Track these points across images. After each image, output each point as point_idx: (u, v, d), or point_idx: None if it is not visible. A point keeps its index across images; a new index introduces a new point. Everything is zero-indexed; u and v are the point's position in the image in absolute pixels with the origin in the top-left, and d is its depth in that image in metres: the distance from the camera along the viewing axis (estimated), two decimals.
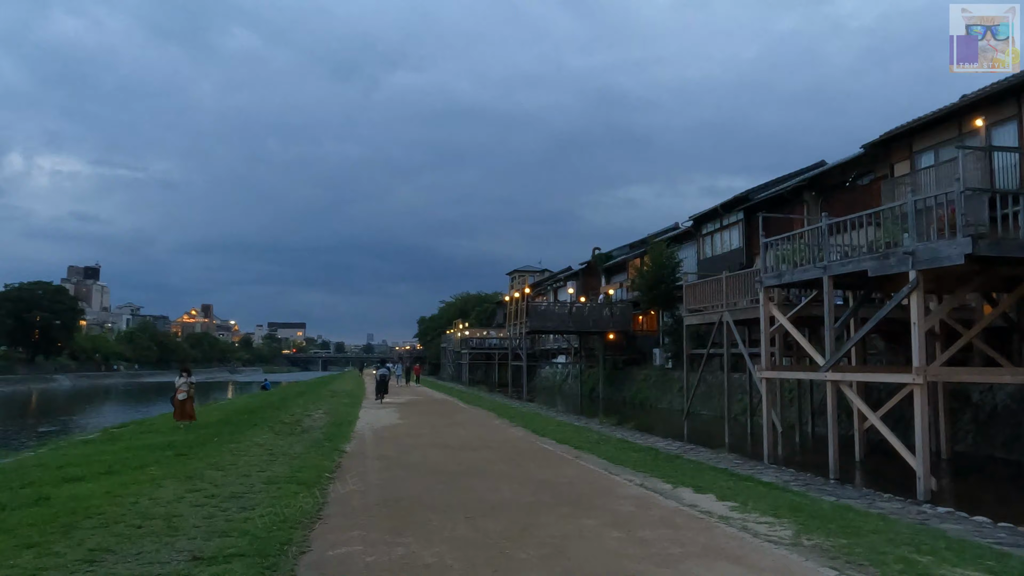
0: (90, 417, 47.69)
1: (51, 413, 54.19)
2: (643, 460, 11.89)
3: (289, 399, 29.07)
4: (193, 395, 19.00)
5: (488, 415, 21.84)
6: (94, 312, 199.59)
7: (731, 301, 18.17)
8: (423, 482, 9.48)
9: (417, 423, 18.75)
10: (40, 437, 29.05)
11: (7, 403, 66.44)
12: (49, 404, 66.10)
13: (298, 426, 17.09)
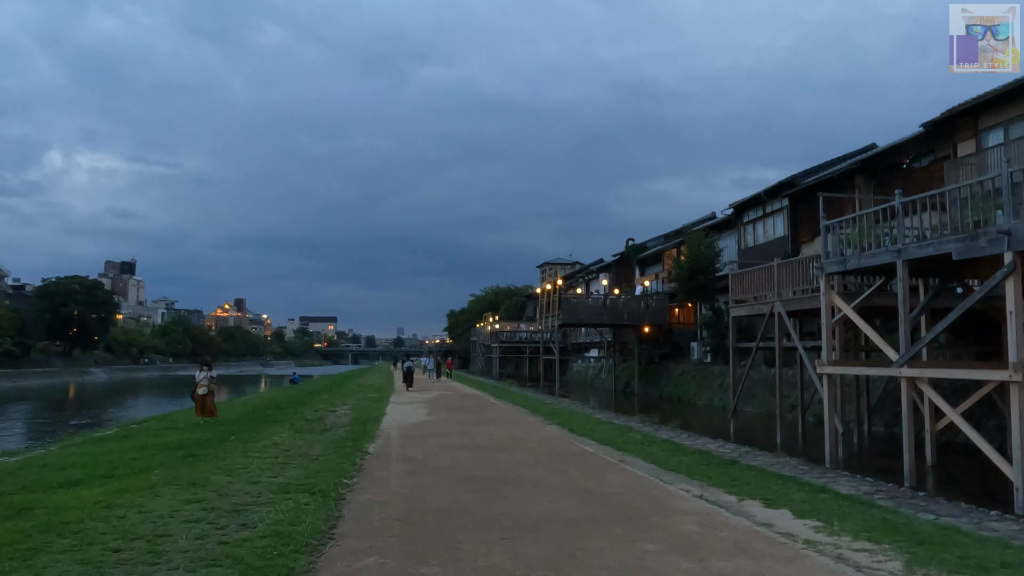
0: (121, 410, 47.76)
1: (85, 406, 54.51)
2: (696, 465, 10.68)
3: (316, 394, 28.32)
4: (214, 390, 18.21)
5: (521, 412, 20.76)
6: (130, 306, 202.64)
7: (783, 291, 16.81)
8: (452, 491, 8.41)
9: (446, 420, 17.73)
10: (72, 430, 28.73)
11: (45, 396, 67.20)
12: (84, 397, 66.70)
13: (321, 423, 16.18)
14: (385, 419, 17.57)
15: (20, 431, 33.86)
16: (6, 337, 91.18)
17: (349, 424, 16.02)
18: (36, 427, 37.16)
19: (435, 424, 16.85)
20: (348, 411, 19.60)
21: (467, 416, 18.92)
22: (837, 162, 28.19)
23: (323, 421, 16.64)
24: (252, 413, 19.62)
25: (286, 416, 17.70)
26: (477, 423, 17.12)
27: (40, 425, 38.56)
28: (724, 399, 29.67)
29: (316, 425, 15.69)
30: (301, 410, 19.70)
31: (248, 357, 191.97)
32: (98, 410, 48.62)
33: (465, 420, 17.80)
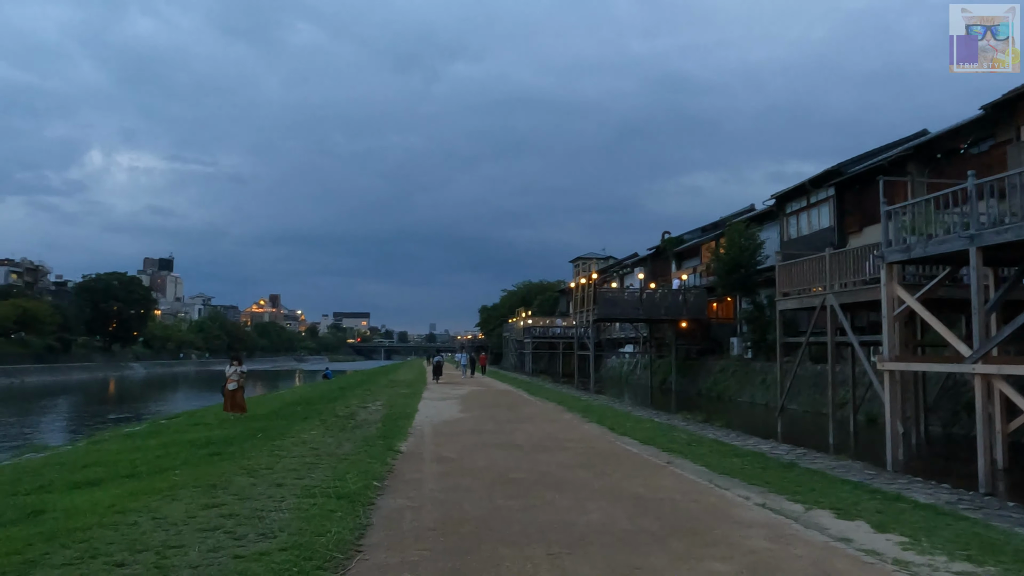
0: (157, 404, 48.25)
1: (123, 401, 55.25)
2: (751, 469, 9.89)
3: (348, 389, 27.96)
4: (244, 385, 17.86)
5: (557, 408, 20.07)
6: (168, 302, 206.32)
7: (837, 282, 15.85)
8: (490, 495, 7.77)
9: (481, 417, 17.12)
10: (111, 424, 28.93)
11: (85, 390, 68.38)
12: (122, 392, 67.72)
13: (352, 420, 15.68)
14: (417, 416, 17.02)
15: (59, 424, 34.20)
16: (48, 332, 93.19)
17: (381, 421, 15.49)
18: (75, 420, 37.54)
19: (469, 421, 16.25)
20: (380, 407, 19.11)
21: (502, 413, 18.29)
22: (886, 149, 26.92)
23: (354, 418, 16.15)
24: (283, 409, 19.26)
25: (316, 412, 17.26)
26: (513, 421, 16.48)
27: (79, 418, 38.96)
28: (767, 396, 28.64)
29: (347, 422, 15.20)
30: (332, 406, 19.27)
31: (283, 352, 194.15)
32: (135, 404, 49.16)
33: (500, 417, 17.17)
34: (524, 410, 19.57)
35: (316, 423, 14.86)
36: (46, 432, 29.57)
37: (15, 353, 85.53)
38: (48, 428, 32.11)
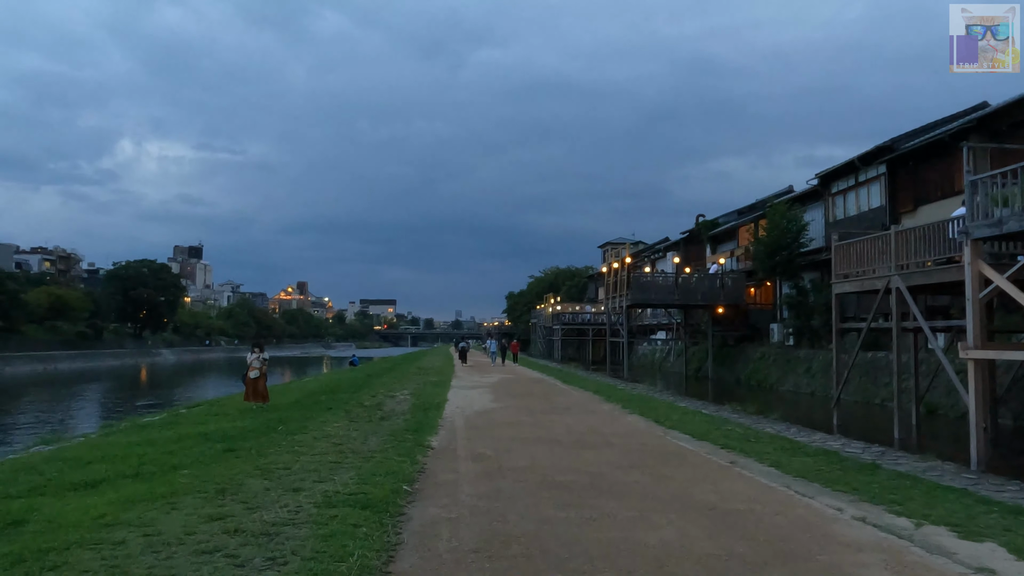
0: (185, 391, 48.22)
1: (151, 387, 55.35)
2: (828, 470, 8.72)
3: (375, 377, 27.13)
4: (266, 373, 17.00)
5: (594, 398, 18.98)
6: (197, 289, 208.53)
7: (904, 262, 14.48)
8: (537, 503, 6.71)
9: (514, 408, 16.09)
10: (136, 411, 28.62)
11: (115, 376, 68.80)
12: (151, 378, 68.03)
13: (379, 411, 14.74)
14: (448, 406, 16.04)
15: (84, 412, 33.93)
16: (80, 319, 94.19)
17: (409, 412, 14.53)
18: (100, 407, 37.34)
19: (503, 412, 15.21)
20: (408, 397, 18.18)
21: (537, 403, 17.24)
22: (946, 122, 25.22)
23: (381, 408, 15.21)
24: (307, 398, 18.42)
25: (341, 402, 16.36)
26: (549, 412, 15.41)
27: (104, 405, 38.75)
28: (812, 385, 27.26)
29: (373, 413, 14.25)
30: (358, 395, 18.38)
31: (310, 339, 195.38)
32: (162, 391, 49.12)
33: (535, 408, 16.12)
34: (560, 400, 18.50)
35: (340, 415, 13.93)
36: (69, 420, 29.22)
37: (47, 340, 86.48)
38: (72, 416, 31.83)
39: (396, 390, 20.21)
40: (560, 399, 18.69)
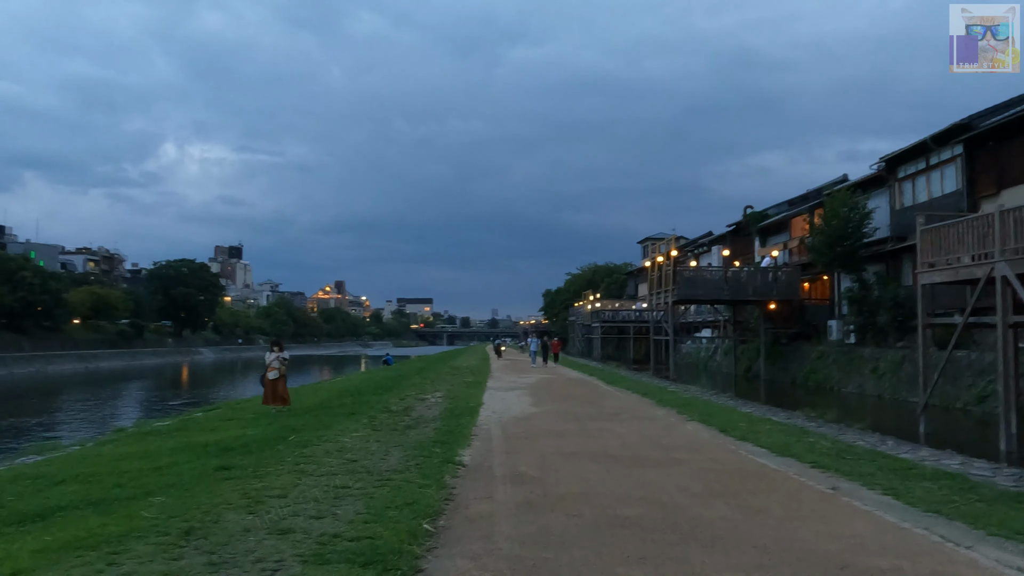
0: (218, 390, 47.68)
1: (187, 386, 54.95)
2: (962, 501, 6.84)
3: (406, 377, 25.70)
4: (286, 373, 15.59)
5: (644, 402, 17.18)
6: (237, 289, 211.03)
7: (1015, 246, 12.44)
8: (598, 551, 5.03)
9: (557, 413, 14.40)
10: (168, 410, 27.84)
11: (153, 375, 68.91)
12: (191, 376, 67.95)
13: (406, 416, 13.19)
14: (483, 411, 14.43)
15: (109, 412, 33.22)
16: (121, 318, 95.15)
17: (440, 418, 12.95)
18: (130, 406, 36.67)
19: (545, 418, 13.54)
20: (440, 399, 16.62)
21: (581, 408, 15.52)
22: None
23: (409, 413, 13.67)
24: (330, 401, 17.00)
25: (366, 406, 14.88)
26: (597, 418, 13.69)
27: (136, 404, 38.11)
28: (879, 387, 25.01)
29: (399, 420, 12.71)
30: (386, 398, 16.90)
31: (348, 338, 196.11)
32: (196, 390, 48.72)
33: (580, 413, 14.40)
34: (607, 403, 16.76)
35: (363, 421, 12.42)
36: (95, 420, 28.37)
37: (89, 339, 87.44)
38: (100, 415, 31.07)
39: (428, 392, 18.69)
40: (607, 403, 16.94)
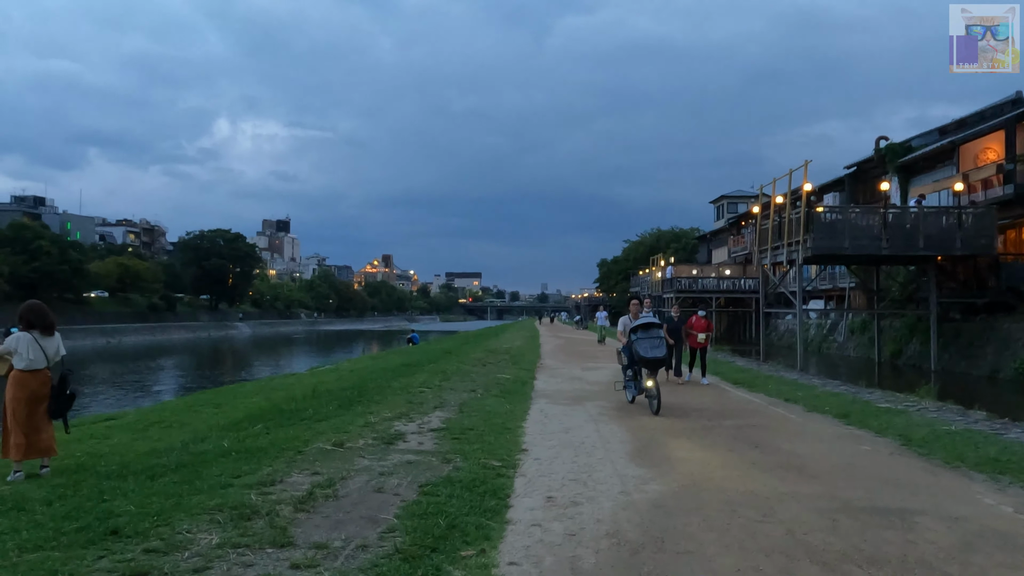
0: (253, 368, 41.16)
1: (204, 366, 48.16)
2: None
3: (418, 367, 17.04)
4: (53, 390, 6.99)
5: (845, 431, 8.14)
6: (284, 262, 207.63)
7: None
8: None
9: (708, 490, 5.49)
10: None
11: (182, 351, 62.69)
12: (217, 354, 61.39)
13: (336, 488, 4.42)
14: (525, 466, 5.78)
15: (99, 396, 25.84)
16: (152, 291, 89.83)
17: (404, 519, 4.17)
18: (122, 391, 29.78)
19: (681, 500, 4.63)
20: (449, 415, 7.94)
21: (746, 455, 6.51)
22: None
23: (309, 505, 4.93)
24: (270, 413, 8.42)
25: (296, 440, 6.26)
26: (780, 473, 4.68)
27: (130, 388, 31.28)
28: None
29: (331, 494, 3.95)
30: (352, 417, 8.30)
31: (394, 312, 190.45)
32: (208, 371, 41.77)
33: (765, 487, 5.43)
34: (783, 445, 7.70)
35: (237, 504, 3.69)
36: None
37: (117, 312, 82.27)
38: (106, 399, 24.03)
39: (424, 404, 9.95)
40: (779, 442, 7.86)
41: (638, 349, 9.87)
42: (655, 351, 9.82)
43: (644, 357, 9.81)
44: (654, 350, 9.82)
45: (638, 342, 9.90)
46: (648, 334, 9.98)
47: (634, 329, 10.12)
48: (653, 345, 9.85)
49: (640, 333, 10.02)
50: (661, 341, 10.02)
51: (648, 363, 9.88)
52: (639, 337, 9.97)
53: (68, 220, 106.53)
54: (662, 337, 10.13)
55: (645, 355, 9.78)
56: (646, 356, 9.78)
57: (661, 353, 9.89)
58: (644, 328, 10.13)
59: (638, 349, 9.87)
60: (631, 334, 10.11)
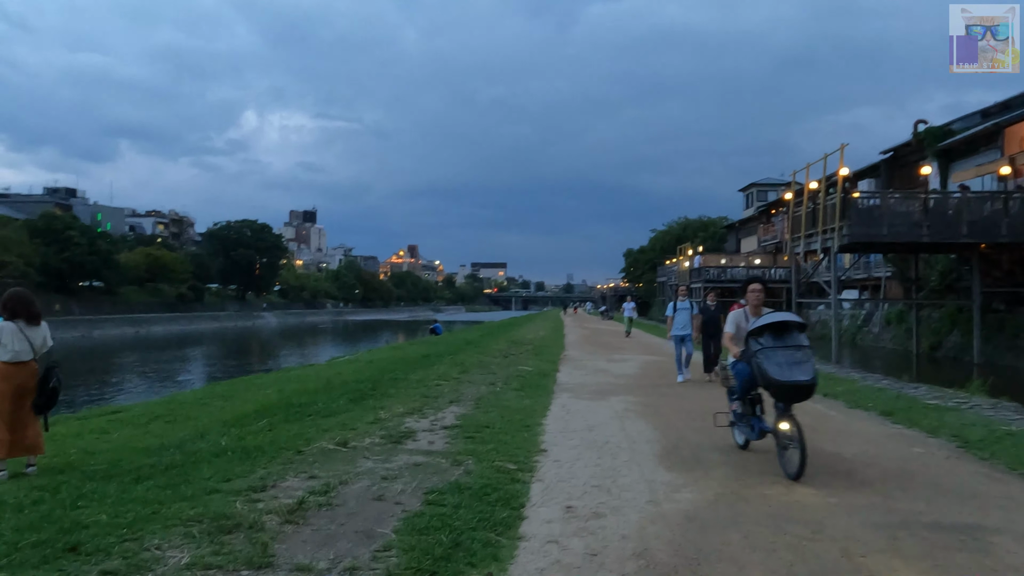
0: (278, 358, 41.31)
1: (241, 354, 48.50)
2: None
3: (437, 358, 16.56)
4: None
5: (912, 434, 7.43)
6: (310, 252, 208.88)
7: None
8: None
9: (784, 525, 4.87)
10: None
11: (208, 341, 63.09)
12: (242, 344, 61.73)
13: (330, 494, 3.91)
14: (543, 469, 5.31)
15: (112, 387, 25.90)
16: (180, 281, 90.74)
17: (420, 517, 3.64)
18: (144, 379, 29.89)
19: (717, 512, 4.02)
20: (466, 410, 7.42)
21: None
22: None
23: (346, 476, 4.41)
24: (277, 407, 7.97)
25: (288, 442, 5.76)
26: (827, 479, 4.03)
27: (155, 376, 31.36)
28: None
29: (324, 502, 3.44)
30: (361, 410, 7.80)
31: (420, 302, 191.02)
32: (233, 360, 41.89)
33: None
34: (826, 446, 7.00)
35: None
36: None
37: (146, 302, 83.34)
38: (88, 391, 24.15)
39: (439, 399, 9.43)
40: (824, 443, 7.18)
41: (766, 366, 5.75)
42: (797, 371, 5.70)
43: (778, 381, 5.71)
44: (795, 369, 5.70)
45: (765, 355, 5.81)
46: (784, 341, 5.84)
47: (757, 331, 6.00)
48: (793, 360, 5.73)
49: (769, 339, 5.87)
50: (807, 354, 5.84)
51: (783, 391, 5.81)
52: (767, 346, 5.83)
53: (98, 211, 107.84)
54: (808, 348, 5.89)
55: (779, 378, 5.69)
56: (781, 380, 5.69)
57: (807, 377, 5.72)
58: (775, 331, 5.92)
59: (766, 366, 5.75)
60: (751, 340, 6.05)
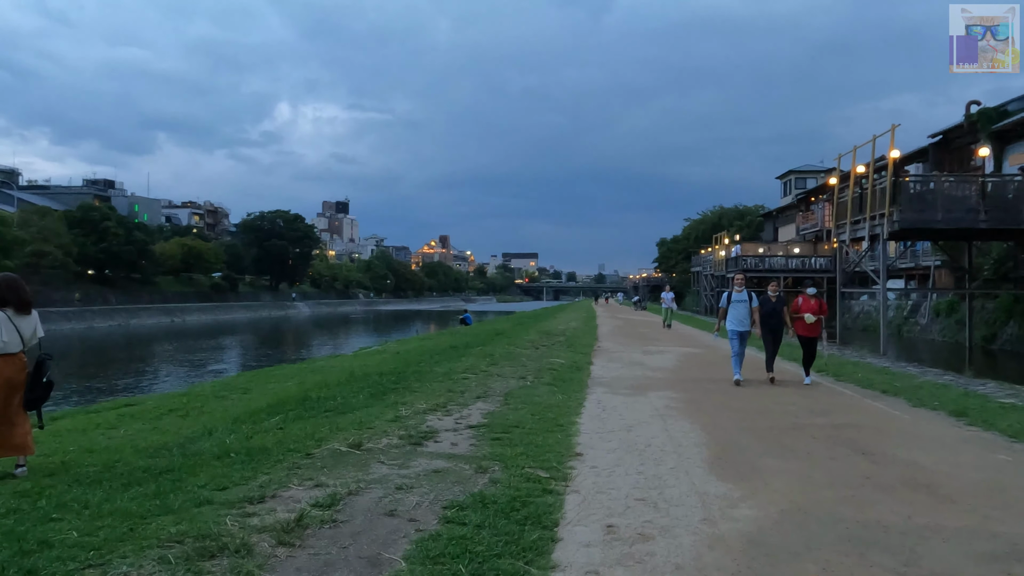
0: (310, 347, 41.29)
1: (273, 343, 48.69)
2: None
3: (466, 349, 15.95)
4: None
5: None
6: (343, 243, 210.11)
7: None
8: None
9: None
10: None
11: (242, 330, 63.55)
12: (275, 333, 62.03)
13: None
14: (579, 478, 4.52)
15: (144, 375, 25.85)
16: (214, 271, 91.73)
17: None
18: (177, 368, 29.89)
19: (784, 534, 3.31)
20: (484, 412, 6.76)
21: (849, 464, 5.08)
22: None
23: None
24: (307, 396, 7.43)
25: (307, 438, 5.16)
26: (906, 494, 3.28)
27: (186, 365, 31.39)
28: None
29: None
30: (383, 407, 7.20)
31: (451, 292, 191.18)
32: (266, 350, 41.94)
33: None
34: (897, 452, 6.18)
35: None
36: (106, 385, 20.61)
37: (181, 292, 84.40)
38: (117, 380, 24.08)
39: (465, 394, 8.79)
40: (894, 448, 6.37)
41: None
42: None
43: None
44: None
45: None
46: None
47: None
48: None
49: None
50: None
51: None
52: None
53: (136, 202, 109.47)
54: None
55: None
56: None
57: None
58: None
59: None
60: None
